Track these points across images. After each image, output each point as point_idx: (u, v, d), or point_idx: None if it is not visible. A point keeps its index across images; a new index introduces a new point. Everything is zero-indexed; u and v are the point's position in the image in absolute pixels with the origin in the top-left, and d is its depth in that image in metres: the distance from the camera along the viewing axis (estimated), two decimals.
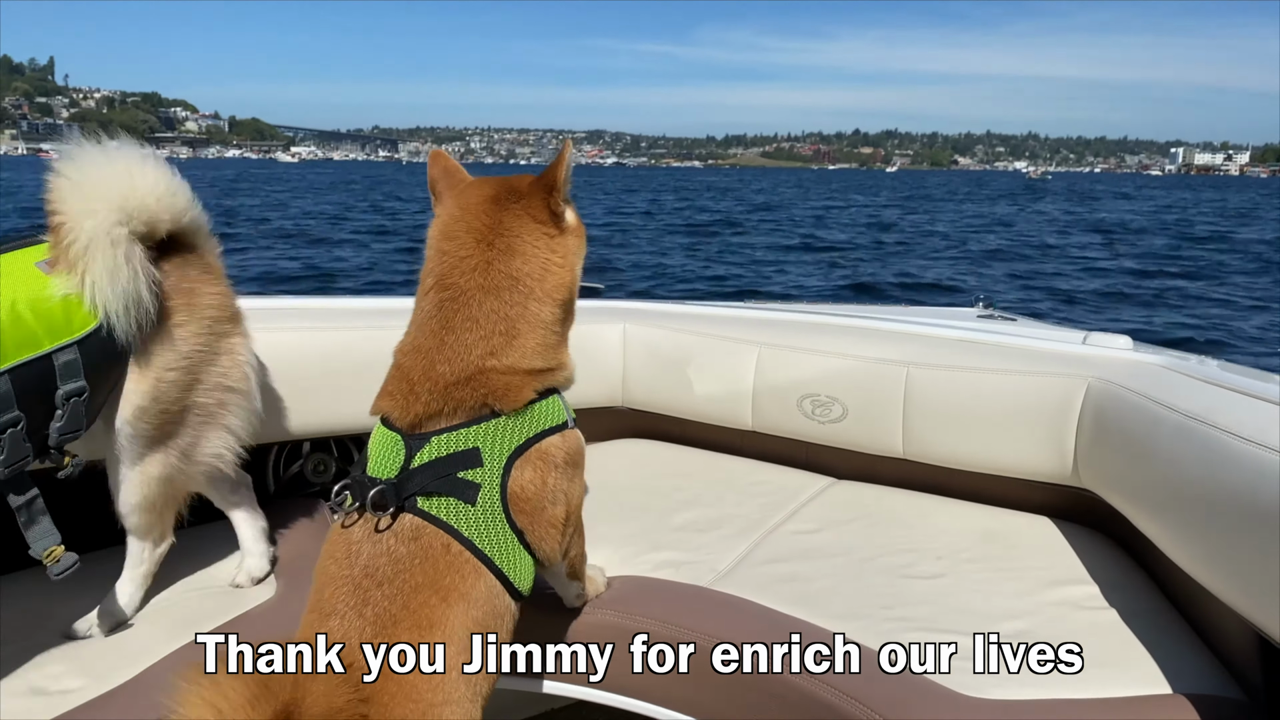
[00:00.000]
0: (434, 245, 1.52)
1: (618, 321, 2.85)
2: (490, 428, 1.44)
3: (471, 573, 1.38)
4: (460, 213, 1.52)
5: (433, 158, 1.65)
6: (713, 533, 2.16)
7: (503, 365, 1.46)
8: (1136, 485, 1.92)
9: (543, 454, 1.47)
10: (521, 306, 1.48)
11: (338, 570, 1.37)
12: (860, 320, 2.70)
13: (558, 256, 1.53)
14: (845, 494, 2.45)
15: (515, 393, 1.45)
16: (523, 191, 1.54)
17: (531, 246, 1.50)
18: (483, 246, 1.48)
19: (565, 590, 1.79)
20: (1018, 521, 2.24)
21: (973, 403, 2.30)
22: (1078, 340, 2.46)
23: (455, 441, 1.42)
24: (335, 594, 1.34)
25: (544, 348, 1.51)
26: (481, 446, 1.42)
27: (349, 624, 1.30)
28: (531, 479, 1.46)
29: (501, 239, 1.49)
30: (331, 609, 1.33)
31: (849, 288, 16.61)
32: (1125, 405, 2.02)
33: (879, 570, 1.96)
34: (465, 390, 1.43)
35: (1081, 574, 1.95)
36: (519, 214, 1.51)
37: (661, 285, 16.40)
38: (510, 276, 1.48)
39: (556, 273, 1.52)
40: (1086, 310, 14.40)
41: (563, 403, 1.55)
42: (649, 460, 2.71)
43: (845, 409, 2.47)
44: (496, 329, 1.46)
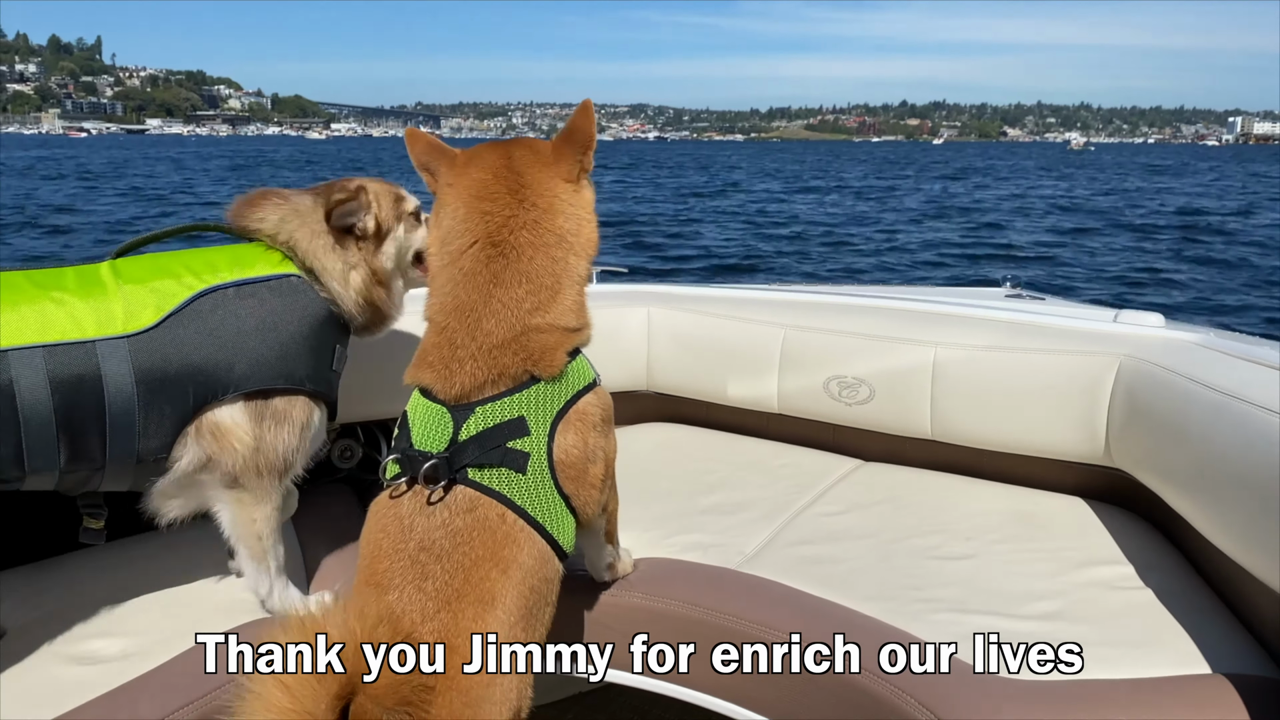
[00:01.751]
0: (469, 206, 1.54)
1: (642, 305, 2.85)
2: (533, 394, 1.46)
3: (527, 541, 1.40)
4: (491, 176, 1.55)
5: (411, 137, 1.65)
6: (739, 515, 2.16)
7: (545, 323, 1.49)
8: (1170, 464, 1.89)
9: (581, 415, 1.51)
10: (564, 261, 1.53)
11: (390, 544, 1.38)
12: (887, 301, 2.67)
13: (585, 212, 1.59)
14: (873, 476, 2.43)
15: (552, 355, 1.48)
16: (547, 153, 1.58)
17: (569, 205, 1.56)
18: (526, 206, 1.53)
19: (598, 557, 1.80)
20: (1048, 502, 2.22)
21: (1002, 383, 2.28)
22: (1109, 318, 2.41)
23: (501, 411, 1.44)
24: (391, 567, 1.36)
25: (577, 305, 1.55)
26: (526, 414, 1.45)
27: (409, 598, 1.32)
28: (574, 442, 1.49)
29: (542, 198, 1.54)
30: (389, 583, 1.34)
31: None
32: (1158, 383, 1.98)
33: (907, 552, 1.95)
34: (509, 355, 1.46)
35: (1114, 554, 1.92)
36: (549, 175, 1.56)
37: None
38: (555, 233, 1.53)
39: (587, 228, 1.59)
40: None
41: (587, 361, 1.59)
42: (674, 444, 2.71)
43: (872, 390, 2.45)
44: (544, 283, 1.50)
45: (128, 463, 1.57)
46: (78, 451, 1.52)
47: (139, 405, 1.54)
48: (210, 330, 1.60)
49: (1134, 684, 1.46)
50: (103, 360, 1.51)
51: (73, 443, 1.50)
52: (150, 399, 1.55)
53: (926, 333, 2.42)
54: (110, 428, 1.53)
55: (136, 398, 1.54)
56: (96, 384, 1.50)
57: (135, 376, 1.53)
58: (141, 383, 1.54)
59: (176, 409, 1.58)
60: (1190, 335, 2.19)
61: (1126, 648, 1.57)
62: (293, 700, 1.09)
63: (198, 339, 1.59)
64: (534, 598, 1.39)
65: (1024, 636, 1.61)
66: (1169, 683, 1.47)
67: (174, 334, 1.57)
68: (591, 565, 1.83)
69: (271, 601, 1.76)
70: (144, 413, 1.55)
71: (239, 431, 1.64)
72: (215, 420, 1.63)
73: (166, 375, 1.56)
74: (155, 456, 1.60)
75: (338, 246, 1.76)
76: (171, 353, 1.57)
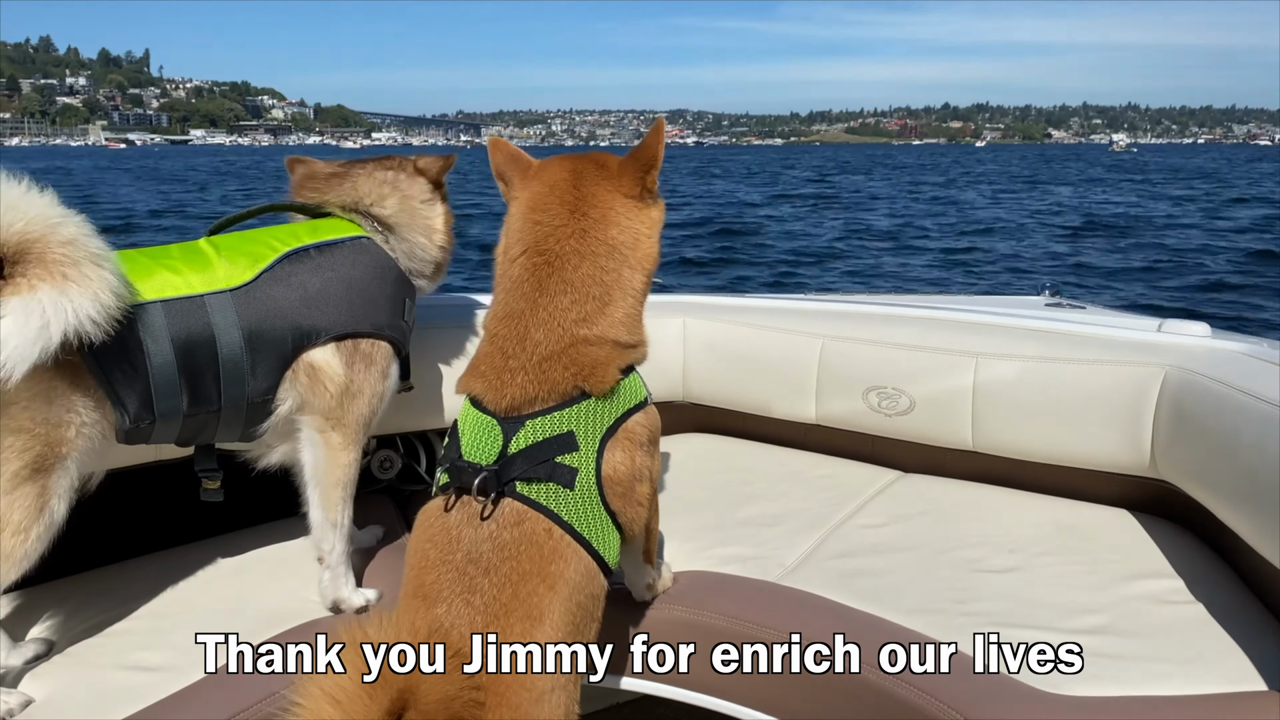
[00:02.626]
0: (523, 217, 1.57)
1: (677, 315, 2.84)
2: (582, 409, 1.47)
3: (574, 557, 1.41)
4: (548, 188, 1.57)
5: (493, 145, 1.69)
6: (779, 527, 2.15)
7: (593, 335, 1.49)
8: (1219, 476, 1.85)
9: (629, 434, 1.51)
10: (616, 273, 1.53)
11: (438, 555, 1.39)
12: (926, 310, 2.65)
13: (645, 228, 1.59)
14: (913, 487, 2.41)
15: (603, 371, 1.48)
16: (612, 168, 1.59)
17: (625, 218, 1.56)
18: (576, 216, 1.54)
19: (638, 578, 1.80)
20: (1092, 514, 2.19)
21: (1045, 393, 2.25)
22: (1152, 328, 2.37)
23: (550, 425, 1.45)
24: (439, 579, 1.37)
25: (630, 319, 1.55)
26: (575, 429, 1.45)
27: (457, 612, 1.33)
28: (622, 460, 1.49)
29: (595, 209, 1.55)
30: (437, 595, 1.35)
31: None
32: (1205, 393, 1.95)
33: (950, 564, 1.93)
34: (558, 369, 1.46)
35: (1162, 567, 1.89)
36: (609, 189, 1.57)
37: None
38: (606, 243, 1.53)
39: (646, 243, 1.58)
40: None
41: (640, 379, 1.59)
42: (711, 455, 2.71)
43: (912, 401, 2.43)
44: (591, 293, 1.50)
45: (240, 405, 1.75)
46: (197, 395, 1.69)
47: (245, 350, 1.73)
48: (299, 284, 1.80)
49: (1186, 700, 1.44)
50: (212, 311, 1.70)
51: (193, 386, 1.68)
52: (254, 344, 1.74)
53: (968, 343, 2.39)
54: (223, 371, 1.71)
55: (244, 343, 1.72)
56: (208, 332, 1.69)
57: (240, 324, 1.72)
58: (246, 330, 1.72)
59: (278, 352, 1.77)
60: (1237, 345, 2.15)
61: (1178, 663, 1.55)
62: (343, 714, 1.10)
63: (290, 292, 1.78)
64: (580, 613, 1.40)
65: (1071, 651, 1.58)
66: (1222, 700, 1.44)
67: (269, 288, 1.77)
68: (631, 585, 1.83)
69: (332, 558, 1.87)
70: (250, 357, 1.73)
71: (331, 371, 1.82)
72: (310, 361, 1.81)
73: (266, 323, 1.75)
74: (263, 398, 1.78)
75: (435, 203, 2.04)
76: (268, 303, 1.76)
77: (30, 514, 1.52)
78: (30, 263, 1.42)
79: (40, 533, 1.54)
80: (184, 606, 1.87)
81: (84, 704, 1.54)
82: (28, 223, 1.42)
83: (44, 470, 1.53)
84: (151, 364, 1.63)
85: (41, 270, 1.42)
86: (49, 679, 1.62)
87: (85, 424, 1.59)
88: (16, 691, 1.57)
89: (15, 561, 1.52)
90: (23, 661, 1.66)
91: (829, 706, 1.65)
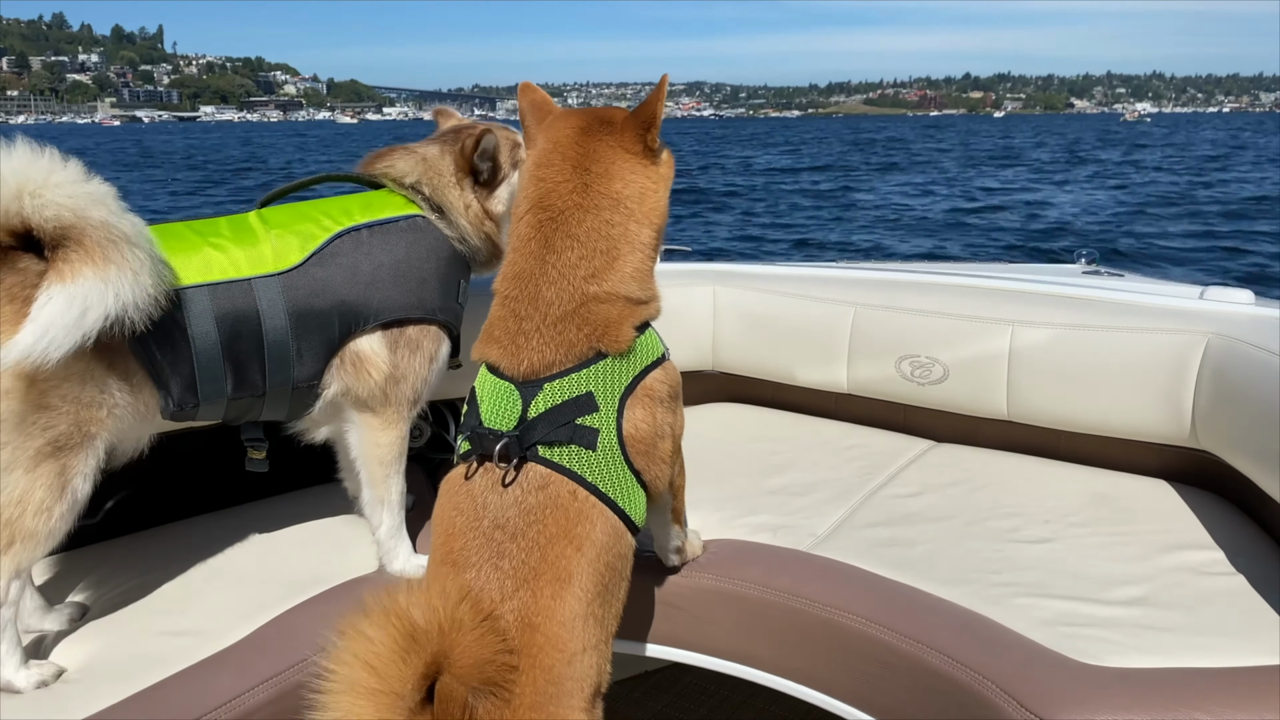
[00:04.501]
0: (529, 174, 1.56)
1: (707, 284, 2.81)
2: (600, 369, 1.46)
3: (599, 517, 1.40)
4: (553, 145, 1.56)
5: (523, 90, 1.68)
6: (810, 496, 2.13)
7: (604, 291, 1.48)
8: (1264, 445, 1.81)
9: (649, 391, 1.50)
10: (622, 226, 1.52)
11: (465, 522, 1.39)
12: (961, 278, 2.61)
13: (651, 182, 1.57)
14: (946, 457, 2.38)
15: (617, 329, 1.47)
16: (616, 123, 1.57)
17: (629, 172, 1.54)
18: (579, 171, 1.52)
19: (666, 539, 1.79)
20: (1130, 484, 2.15)
21: (1082, 362, 2.21)
22: (1194, 295, 2.33)
23: (568, 387, 1.44)
24: (467, 545, 1.37)
25: (641, 274, 1.53)
26: (594, 389, 1.45)
27: (487, 577, 1.33)
28: (643, 417, 1.48)
29: (598, 164, 1.53)
30: (465, 561, 1.35)
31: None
32: (1250, 361, 1.91)
33: (984, 535, 1.91)
34: (573, 330, 1.45)
35: (1202, 538, 1.86)
36: (612, 145, 1.55)
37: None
38: (609, 197, 1.52)
39: (652, 197, 1.56)
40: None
41: (657, 335, 1.57)
42: (741, 424, 2.69)
43: (946, 370, 2.40)
44: (597, 247, 1.49)
45: (285, 389, 1.74)
46: (242, 379, 1.68)
47: (291, 335, 1.70)
48: (349, 266, 1.75)
49: (1226, 672, 1.41)
50: (259, 295, 1.67)
51: (237, 371, 1.67)
52: (301, 330, 1.71)
53: (1003, 310, 2.35)
54: (268, 357, 1.69)
55: (290, 329, 1.70)
56: (254, 317, 1.66)
57: (287, 309, 1.69)
58: (293, 315, 1.70)
59: (325, 338, 1.74)
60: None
61: (1220, 635, 1.52)
62: (379, 680, 1.10)
63: (339, 275, 1.74)
64: (609, 574, 1.40)
65: (1109, 622, 1.56)
66: (1264, 672, 1.41)
67: (318, 271, 1.73)
68: (660, 549, 1.82)
69: (381, 532, 1.87)
70: (296, 342, 1.71)
71: (376, 360, 1.79)
72: (356, 350, 1.78)
73: (314, 307, 1.72)
74: (308, 384, 1.76)
75: (458, 185, 1.91)
76: (317, 287, 1.72)
77: (53, 493, 1.51)
78: (70, 245, 1.40)
79: (63, 511, 1.53)
80: (215, 573, 1.88)
81: (117, 669, 1.55)
82: (69, 201, 1.40)
83: (67, 449, 1.52)
84: (196, 348, 1.61)
85: (81, 253, 1.40)
86: (83, 644, 1.64)
87: (118, 405, 1.57)
88: (49, 663, 1.58)
89: (39, 540, 1.51)
90: (58, 627, 1.69)
91: (861, 676, 1.64)
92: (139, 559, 1.92)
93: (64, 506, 1.53)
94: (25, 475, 1.48)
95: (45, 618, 1.69)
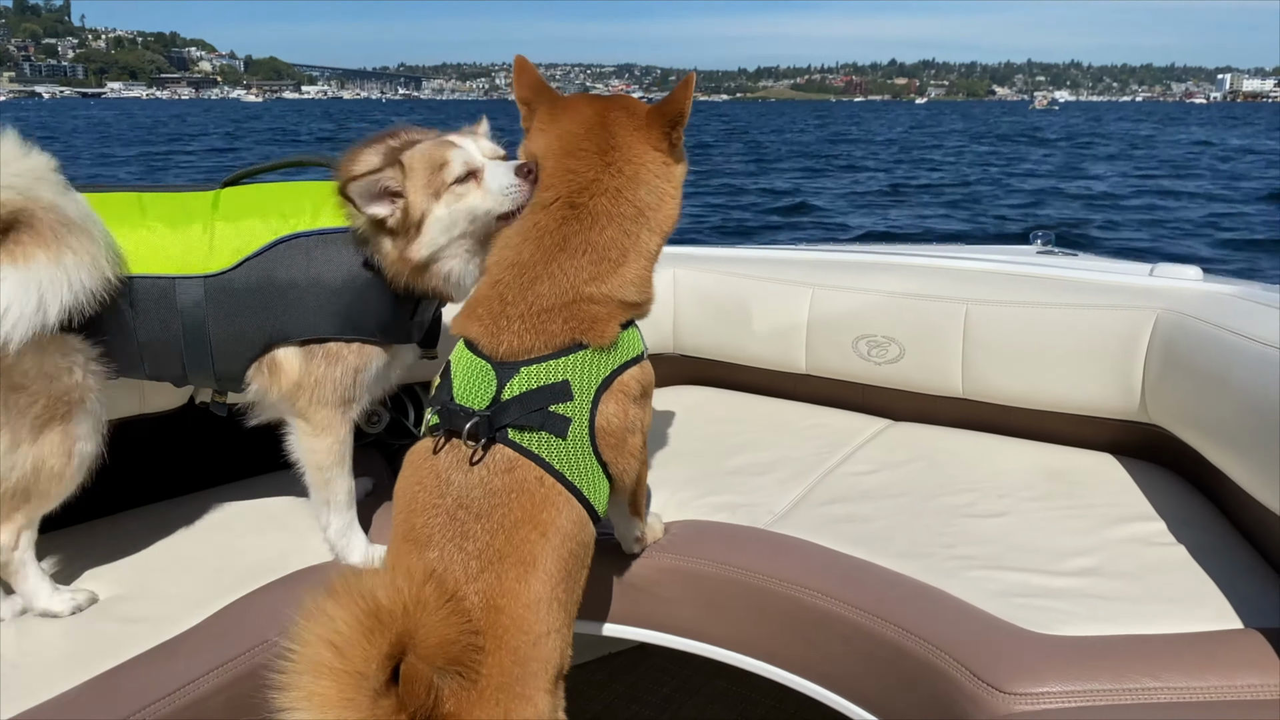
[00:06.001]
0: (557, 160, 1.53)
1: (667, 267, 2.80)
2: (579, 360, 1.45)
3: (565, 505, 1.40)
4: (584, 130, 1.54)
5: (519, 67, 1.64)
6: (768, 476, 2.15)
7: (600, 293, 1.47)
8: (1210, 417, 1.86)
9: (624, 386, 1.50)
10: (636, 236, 1.52)
11: (428, 499, 1.39)
12: (916, 258, 2.64)
13: (671, 188, 1.57)
14: (903, 435, 2.42)
15: (604, 326, 1.47)
16: (641, 116, 1.55)
17: (655, 177, 1.54)
18: (612, 171, 1.51)
19: (627, 530, 1.80)
20: (1082, 459, 2.20)
21: (1035, 339, 2.25)
22: (1144, 272, 2.38)
23: (545, 373, 1.43)
24: (430, 523, 1.36)
25: (641, 280, 1.53)
26: (570, 379, 1.44)
27: (450, 557, 1.32)
28: (616, 412, 1.48)
29: (629, 165, 1.52)
30: (428, 539, 1.35)
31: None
32: (1197, 336, 1.96)
33: (939, 510, 1.94)
34: (557, 323, 1.45)
35: (1149, 510, 1.91)
36: (643, 141, 1.53)
37: None
38: (635, 206, 1.51)
39: (669, 205, 1.56)
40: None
41: (639, 334, 1.57)
42: (701, 406, 2.70)
43: (902, 349, 2.43)
44: (609, 255, 1.49)
45: (208, 380, 1.75)
46: (161, 366, 1.70)
47: (211, 336, 1.68)
48: (281, 276, 1.68)
49: (1173, 639, 1.46)
50: (179, 295, 1.65)
51: (155, 359, 1.68)
52: (221, 332, 1.68)
53: (957, 290, 2.39)
54: (186, 352, 1.68)
55: (209, 331, 1.67)
56: (173, 316, 1.65)
57: (208, 313, 1.66)
58: (213, 319, 1.67)
59: (246, 342, 1.70)
60: (1230, 287, 2.16)
61: (1165, 603, 1.56)
62: (342, 660, 1.09)
63: (268, 287, 1.68)
64: (572, 561, 1.40)
65: (1060, 593, 1.60)
66: (1208, 638, 1.46)
67: (248, 277, 1.67)
68: (621, 537, 1.83)
69: (330, 533, 1.84)
70: (216, 343, 1.69)
71: (288, 367, 1.74)
72: (273, 356, 1.74)
73: (236, 316, 1.68)
74: (230, 378, 1.74)
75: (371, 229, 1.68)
76: (243, 297, 1.67)
77: (61, 458, 1.58)
78: (23, 229, 1.39)
79: (73, 472, 1.61)
80: (171, 559, 1.85)
81: (70, 655, 1.53)
82: (22, 183, 1.38)
83: (60, 418, 1.56)
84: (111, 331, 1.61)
85: (35, 238, 1.39)
86: (36, 630, 1.61)
87: (92, 362, 1.61)
88: (84, 590, 1.68)
89: (54, 497, 1.62)
90: (13, 614, 1.66)
91: (819, 650, 1.67)
92: (94, 546, 1.89)
93: (73, 468, 1.61)
94: (32, 448, 1.55)
95: (2, 604, 1.66)
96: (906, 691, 1.53)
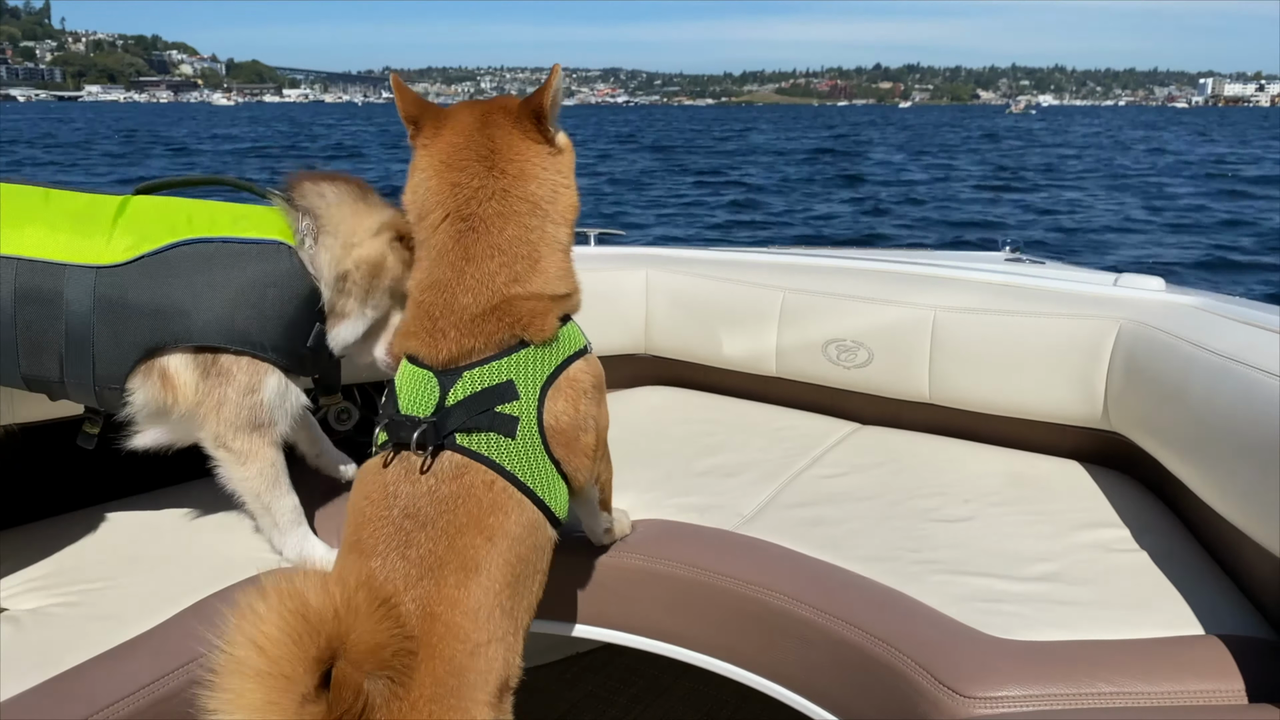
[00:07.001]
0: (440, 177, 1.51)
1: (640, 268, 2.82)
2: (521, 358, 1.44)
3: (515, 508, 1.39)
4: (463, 140, 1.51)
5: (397, 86, 1.61)
6: (737, 478, 2.16)
7: (527, 292, 1.46)
8: (1169, 427, 1.89)
9: (571, 381, 1.49)
10: (540, 230, 1.50)
11: (374, 511, 1.37)
12: (886, 264, 2.66)
13: (562, 177, 1.55)
14: (871, 439, 2.43)
15: (541, 320, 1.46)
16: (513, 111, 1.54)
17: (541, 169, 1.52)
18: (495, 174, 1.49)
19: (594, 523, 1.80)
20: (1046, 465, 2.22)
21: (1001, 346, 2.28)
22: (1109, 282, 2.41)
23: (488, 375, 1.43)
24: (375, 534, 1.34)
25: (562, 272, 1.52)
26: (515, 378, 1.43)
27: (391, 565, 1.31)
28: (564, 409, 1.47)
29: (512, 164, 1.50)
30: (372, 549, 1.33)
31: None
32: (1158, 346, 1.99)
33: (906, 514, 1.96)
34: (492, 322, 1.44)
35: (1111, 517, 1.94)
36: (520, 137, 1.52)
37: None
38: (527, 201, 1.49)
39: (565, 194, 1.55)
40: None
41: (579, 328, 1.57)
42: (672, 407, 2.71)
43: (871, 354, 2.45)
44: (519, 254, 1.47)
45: (86, 385, 1.67)
46: (36, 363, 1.63)
47: (94, 331, 1.63)
48: (177, 278, 1.65)
49: (1130, 644, 1.48)
50: (67, 283, 1.60)
51: (32, 353, 1.62)
52: (105, 328, 1.63)
53: (926, 296, 2.41)
54: (66, 347, 1.63)
55: (93, 324, 1.62)
56: (56, 303, 1.60)
57: (95, 304, 1.62)
58: (100, 311, 1.62)
59: (130, 344, 1.65)
60: (1191, 299, 2.19)
61: (1123, 609, 1.58)
62: (268, 662, 1.07)
63: (163, 284, 1.64)
64: (521, 566, 1.38)
65: (1022, 598, 1.62)
66: (1164, 643, 1.48)
67: (141, 274, 1.64)
68: (589, 530, 1.83)
69: (287, 553, 1.81)
70: (98, 340, 1.63)
71: (179, 381, 1.69)
72: (164, 366, 1.68)
73: (124, 311, 1.63)
74: (111, 385, 1.67)
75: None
76: (134, 292, 1.63)
77: None
78: None
79: None
80: (136, 557, 1.83)
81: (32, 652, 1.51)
82: None
83: None
84: None
85: None
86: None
87: None
88: None
89: None
90: None
91: (784, 652, 1.68)
92: (56, 544, 1.86)
93: None
94: None
95: None
96: (868, 693, 1.55)
